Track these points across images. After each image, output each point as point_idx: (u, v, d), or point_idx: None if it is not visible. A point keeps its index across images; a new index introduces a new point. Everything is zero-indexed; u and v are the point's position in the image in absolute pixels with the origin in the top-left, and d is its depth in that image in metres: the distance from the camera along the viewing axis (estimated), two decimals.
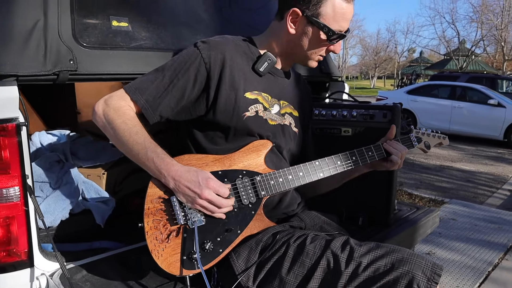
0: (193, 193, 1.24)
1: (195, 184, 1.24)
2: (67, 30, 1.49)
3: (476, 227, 4.22)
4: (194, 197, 1.25)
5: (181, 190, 1.26)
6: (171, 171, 1.26)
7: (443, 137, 1.65)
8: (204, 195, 1.24)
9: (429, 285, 1.12)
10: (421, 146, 1.61)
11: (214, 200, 1.25)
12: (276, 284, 1.25)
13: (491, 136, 10.00)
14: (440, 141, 1.64)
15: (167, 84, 1.35)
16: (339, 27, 1.39)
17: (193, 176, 1.25)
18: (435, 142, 1.64)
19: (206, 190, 1.24)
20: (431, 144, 1.63)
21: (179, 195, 1.27)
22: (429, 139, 1.62)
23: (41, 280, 1.51)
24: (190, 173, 1.26)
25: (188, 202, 1.27)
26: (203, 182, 1.24)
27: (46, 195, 1.71)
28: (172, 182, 1.26)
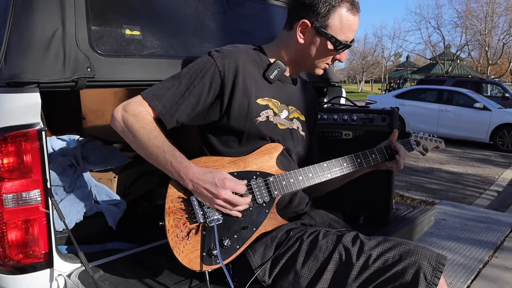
0: (210, 194, 1.31)
1: (212, 185, 1.31)
2: (84, 39, 1.55)
3: (466, 226, 4.34)
4: (212, 198, 1.31)
5: (199, 192, 1.33)
6: (189, 174, 1.33)
7: (440, 141, 1.76)
8: (221, 196, 1.31)
9: (435, 274, 1.21)
10: (420, 149, 1.71)
11: (231, 199, 1.32)
12: (291, 277, 1.33)
13: (477, 139, 10.22)
14: (437, 144, 1.75)
15: (183, 91, 1.43)
16: (345, 37, 1.47)
17: (210, 177, 1.32)
18: (432, 145, 1.74)
19: (223, 190, 1.31)
20: (429, 147, 1.73)
21: (198, 196, 1.34)
22: (427, 142, 1.73)
23: (59, 280, 1.56)
24: (207, 175, 1.33)
25: (206, 202, 1.34)
26: (219, 183, 1.31)
27: (61, 199, 1.77)
28: (191, 184, 1.33)
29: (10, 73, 1.41)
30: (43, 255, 1.51)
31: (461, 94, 10.85)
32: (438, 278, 1.20)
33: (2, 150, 1.41)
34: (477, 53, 32.78)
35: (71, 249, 1.77)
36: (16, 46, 1.45)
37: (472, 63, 34.66)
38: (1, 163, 1.41)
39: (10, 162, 1.43)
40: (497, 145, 9.88)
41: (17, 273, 1.48)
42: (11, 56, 1.44)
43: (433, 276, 1.20)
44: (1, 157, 1.41)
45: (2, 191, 1.42)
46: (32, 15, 1.48)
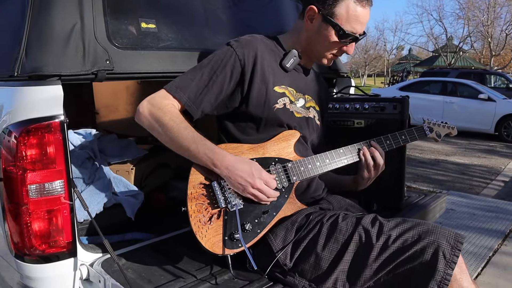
0: (246, 182, 1.35)
1: (248, 174, 1.35)
2: (102, 32, 1.58)
3: (474, 216, 4.36)
4: (246, 186, 1.36)
5: (233, 179, 1.36)
6: (225, 161, 1.37)
7: (452, 127, 1.78)
8: (256, 185, 1.35)
9: (453, 252, 1.23)
10: (433, 135, 1.73)
11: (264, 190, 1.36)
12: (312, 260, 1.36)
13: (482, 130, 10.21)
14: (450, 131, 1.77)
15: (206, 81, 1.46)
16: (351, 28, 1.47)
17: (246, 167, 1.36)
18: (445, 132, 1.76)
19: (258, 180, 1.35)
20: (442, 133, 1.75)
21: (231, 183, 1.38)
22: (440, 129, 1.75)
23: (82, 269, 1.60)
24: (243, 163, 1.37)
25: (239, 190, 1.38)
26: (256, 173, 1.36)
27: (81, 190, 1.80)
28: (226, 171, 1.36)
29: (32, 66, 1.44)
30: (67, 245, 1.55)
31: (465, 86, 10.82)
32: (457, 256, 1.23)
33: (25, 142, 1.44)
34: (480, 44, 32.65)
35: (92, 239, 1.81)
36: (36, 40, 1.48)
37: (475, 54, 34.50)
38: (25, 155, 1.45)
39: (33, 154, 1.46)
40: (502, 135, 9.87)
41: (42, 262, 1.52)
42: (32, 50, 1.47)
43: (452, 254, 1.23)
44: (25, 149, 1.44)
45: (27, 182, 1.45)
46: (51, 10, 1.51)
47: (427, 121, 1.75)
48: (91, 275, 1.59)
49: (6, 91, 1.55)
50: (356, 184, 1.67)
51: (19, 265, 1.52)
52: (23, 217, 1.46)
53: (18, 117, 1.44)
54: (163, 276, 1.50)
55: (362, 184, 1.65)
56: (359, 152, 1.58)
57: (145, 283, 1.45)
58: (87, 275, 1.60)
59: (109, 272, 1.52)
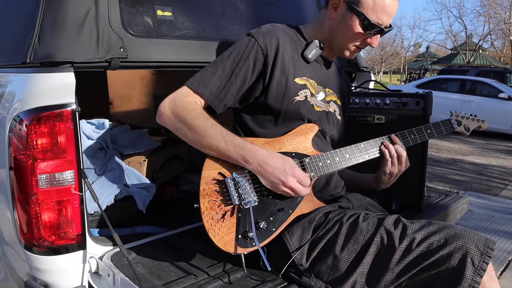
0: (278, 180, 1.30)
1: (281, 171, 1.30)
2: (116, 19, 1.53)
3: (493, 218, 4.25)
4: (279, 184, 1.30)
5: (266, 176, 1.31)
6: (257, 157, 1.31)
7: (482, 120, 1.68)
8: (288, 183, 1.30)
9: (483, 259, 1.15)
10: (461, 129, 1.64)
11: (297, 189, 1.31)
12: (330, 261, 1.30)
13: (501, 130, 9.97)
14: (479, 124, 1.67)
15: (229, 74, 1.40)
16: (377, 19, 1.39)
17: (280, 163, 1.31)
18: (475, 125, 1.67)
19: (291, 178, 1.30)
20: (471, 127, 1.65)
21: (264, 179, 1.33)
22: (468, 122, 1.66)
23: (91, 262, 1.56)
24: (277, 160, 1.32)
25: (271, 187, 1.33)
26: (289, 170, 1.30)
27: (92, 181, 1.77)
28: (258, 168, 1.31)
29: (44, 53, 1.40)
30: (76, 237, 1.51)
31: (485, 84, 10.59)
32: (487, 263, 1.15)
33: (36, 130, 1.40)
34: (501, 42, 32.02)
35: (102, 232, 1.77)
36: (49, 26, 1.44)
37: (495, 53, 33.85)
38: (35, 144, 1.41)
39: (44, 143, 1.42)
40: None
41: (51, 254, 1.49)
42: (44, 36, 1.43)
43: (481, 261, 1.15)
44: (36, 137, 1.41)
45: (37, 172, 1.42)
46: None
47: (455, 114, 1.65)
48: (100, 269, 1.56)
49: (18, 78, 1.52)
50: (378, 182, 1.59)
51: (28, 256, 1.49)
52: (32, 208, 1.43)
53: (29, 105, 1.40)
54: (173, 272, 1.45)
55: (385, 181, 1.57)
56: (381, 146, 1.50)
57: (155, 279, 1.40)
58: (96, 268, 1.57)
59: (118, 266, 1.48)
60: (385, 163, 1.51)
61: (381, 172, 1.55)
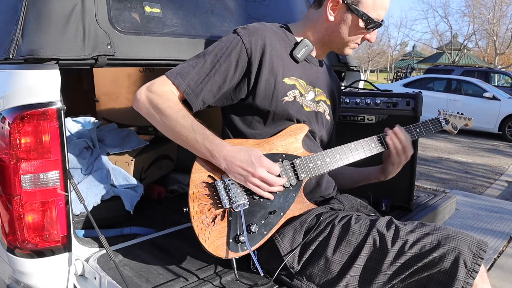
0: (246, 172, 1.27)
1: (248, 162, 1.26)
2: (103, 15, 1.49)
3: (479, 216, 4.30)
4: (247, 176, 1.27)
5: (234, 170, 1.28)
6: (223, 152, 1.28)
7: (469, 118, 1.68)
8: (257, 174, 1.26)
9: (475, 261, 1.15)
10: (449, 127, 1.63)
11: (267, 178, 1.27)
12: (322, 263, 1.28)
13: (486, 129, 10.12)
14: (466, 122, 1.67)
15: (208, 69, 1.37)
16: (377, 15, 1.42)
17: (246, 155, 1.27)
18: (462, 123, 1.67)
19: (259, 168, 1.26)
20: (458, 125, 1.65)
21: (232, 174, 1.29)
22: (456, 120, 1.66)
23: (77, 265, 1.52)
24: (242, 152, 1.28)
25: (241, 181, 1.29)
26: (256, 161, 1.27)
27: (78, 181, 1.72)
28: (224, 163, 1.28)
29: (28, 49, 1.35)
30: (61, 239, 1.48)
31: (470, 84, 10.73)
32: (479, 265, 1.15)
33: (19, 129, 1.36)
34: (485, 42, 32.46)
35: (88, 233, 1.73)
36: (34, 21, 1.39)
37: (479, 52, 34.29)
38: (19, 143, 1.37)
39: (27, 142, 1.38)
40: (506, 135, 9.80)
41: (35, 256, 1.45)
42: (29, 32, 1.38)
43: (473, 263, 1.15)
44: (19, 136, 1.36)
45: (20, 172, 1.37)
46: None
47: (443, 112, 1.65)
48: (86, 271, 1.52)
49: (1, 74, 1.46)
50: (386, 173, 1.59)
51: (10, 259, 1.45)
52: (15, 209, 1.39)
53: (13, 103, 1.36)
54: (162, 275, 1.42)
55: (393, 171, 1.57)
56: (376, 144, 1.50)
57: (143, 282, 1.37)
58: (82, 270, 1.53)
59: (105, 269, 1.45)
60: (391, 155, 1.51)
61: (387, 164, 1.55)
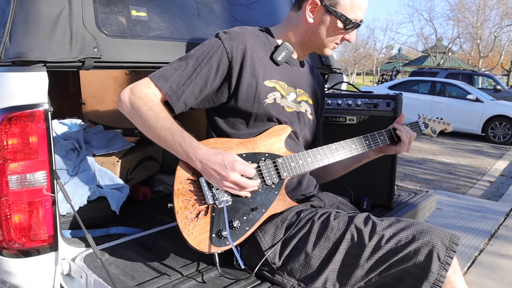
0: (219, 176, 1.30)
1: (221, 167, 1.30)
2: (90, 19, 1.53)
3: (461, 215, 4.39)
4: (220, 180, 1.30)
5: (208, 173, 1.32)
6: (198, 154, 1.32)
7: (448, 123, 1.75)
8: (230, 178, 1.29)
9: (448, 254, 1.21)
10: (428, 131, 1.70)
11: (240, 182, 1.31)
12: (302, 258, 1.33)
13: (469, 130, 10.30)
14: (445, 127, 1.74)
15: (190, 72, 1.41)
16: (355, 16, 1.46)
17: (219, 159, 1.31)
18: (441, 127, 1.74)
19: (231, 173, 1.29)
20: (437, 129, 1.72)
21: (206, 177, 1.34)
22: (435, 124, 1.72)
23: (63, 264, 1.54)
24: (217, 156, 1.32)
25: (215, 183, 1.33)
26: (229, 165, 1.30)
27: (64, 182, 1.74)
28: (200, 165, 1.32)
29: (16, 51, 1.38)
30: (48, 239, 1.50)
31: (454, 86, 10.90)
32: (452, 258, 1.20)
33: (7, 130, 1.38)
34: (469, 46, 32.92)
35: (75, 233, 1.75)
36: (22, 24, 1.42)
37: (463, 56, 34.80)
38: (6, 144, 1.39)
39: (15, 143, 1.41)
40: (489, 136, 9.97)
41: (22, 256, 1.47)
42: (16, 35, 1.41)
43: (446, 256, 1.20)
44: (6, 137, 1.39)
45: (7, 173, 1.39)
46: None
47: (422, 117, 1.72)
48: (72, 270, 1.54)
49: None
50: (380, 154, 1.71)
51: None
52: (2, 209, 1.41)
53: (0, 104, 1.37)
54: (147, 273, 1.45)
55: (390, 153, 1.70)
56: (356, 146, 1.55)
57: (128, 280, 1.40)
58: (68, 270, 1.55)
59: (91, 267, 1.47)
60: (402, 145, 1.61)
61: (390, 150, 1.65)
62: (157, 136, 1.36)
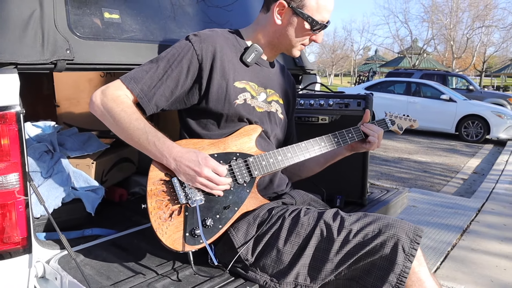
0: (193, 172, 1.33)
1: (195, 163, 1.33)
2: (62, 21, 1.53)
3: (435, 212, 4.50)
4: (194, 176, 1.34)
5: (182, 170, 1.34)
6: (172, 153, 1.35)
7: (414, 120, 1.81)
8: (203, 173, 1.33)
9: (412, 246, 1.26)
10: (395, 128, 1.76)
11: (212, 177, 1.34)
12: (274, 254, 1.36)
13: (443, 130, 10.56)
14: (411, 123, 1.80)
15: (161, 74, 1.43)
16: (322, 18, 1.50)
17: (193, 156, 1.35)
18: (407, 124, 1.80)
19: (205, 168, 1.33)
20: (403, 126, 1.78)
21: (180, 174, 1.36)
22: (402, 121, 1.79)
23: (37, 267, 1.54)
24: (190, 153, 1.35)
25: (189, 181, 1.36)
26: (202, 161, 1.34)
27: (38, 185, 1.74)
28: (174, 163, 1.35)
29: None
30: (21, 241, 1.49)
31: (428, 86, 11.16)
32: (416, 249, 1.26)
33: None
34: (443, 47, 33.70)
35: (49, 235, 1.75)
36: None
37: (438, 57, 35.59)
38: None
39: None
40: (462, 135, 10.25)
41: None
42: None
43: (410, 248, 1.25)
44: None
45: None
46: None
47: (389, 114, 1.78)
48: (47, 273, 1.54)
49: None
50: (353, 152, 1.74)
51: None
52: None
53: None
54: (122, 272, 1.46)
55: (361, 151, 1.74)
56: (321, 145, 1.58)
57: (103, 280, 1.41)
58: (43, 272, 1.55)
59: (66, 269, 1.47)
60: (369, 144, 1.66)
61: (361, 148, 1.69)
62: (130, 136, 1.38)
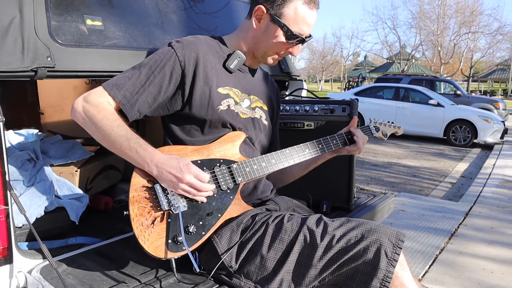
0: (175, 178, 1.32)
1: (177, 169, 1.32)
2: (43, 28, 1.52)
3: (423, 216, 4.52)
4: (176, 182, 1.33)
5: (164, 176, 1.34)
6: (154, 159, 1.34)
7: (398, 126, 1.83)
8: (185, 180, 1.32)
9: (395, 250, 1.26)
10: (379, 134, 1.77)
11: (194, 183, 1.33)
12: (258, 261, 1.35)
13: (432, 134, 10.65)
14: (396, 130, 1.82)
15: (143, 81, 1.42)
16: (299, 30, 1.48)
17: (175, 162, 1.34)
18: (391, 131, 1.81)
19: (187, 174, 1.32)
20: (388, 133, 1.79)
21: (162, 181, 1.35)
22: (386, 128, 1.80)
23: (19, 277, 1.52)
24: (172, 160, 1.35)
25: (171, 187, 1.35)
26: (184, 168, 1.33)
27: (20, 193, 1.71)
28: (156, 169, 1.34)
29: None
30: (2, 251, 1.47)
31: (416, 92, 11.27)
32: (398, 254, 1.26)
33: None
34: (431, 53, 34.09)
35: (31, 245, 1.73)
36: None
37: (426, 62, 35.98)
38: None
39: None
40: (450, 139, 10.35)
41: None
42: None
43: (393, 252, 1.25)
44: None
45: None
46: None
47: (373, 121, 1.79)
48: (29, 283, 1.52)
49: None
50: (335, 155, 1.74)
51: None
52: None
53: None
54: (105, 281, 1.44)
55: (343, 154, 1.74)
56: (305, 152, 1.58)
57: None
58: (24, 282, 1.52)
59: (48, 279, 1.45)
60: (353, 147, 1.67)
61: (343, 151, 1.69)
62: (112, 143, 1.36)
